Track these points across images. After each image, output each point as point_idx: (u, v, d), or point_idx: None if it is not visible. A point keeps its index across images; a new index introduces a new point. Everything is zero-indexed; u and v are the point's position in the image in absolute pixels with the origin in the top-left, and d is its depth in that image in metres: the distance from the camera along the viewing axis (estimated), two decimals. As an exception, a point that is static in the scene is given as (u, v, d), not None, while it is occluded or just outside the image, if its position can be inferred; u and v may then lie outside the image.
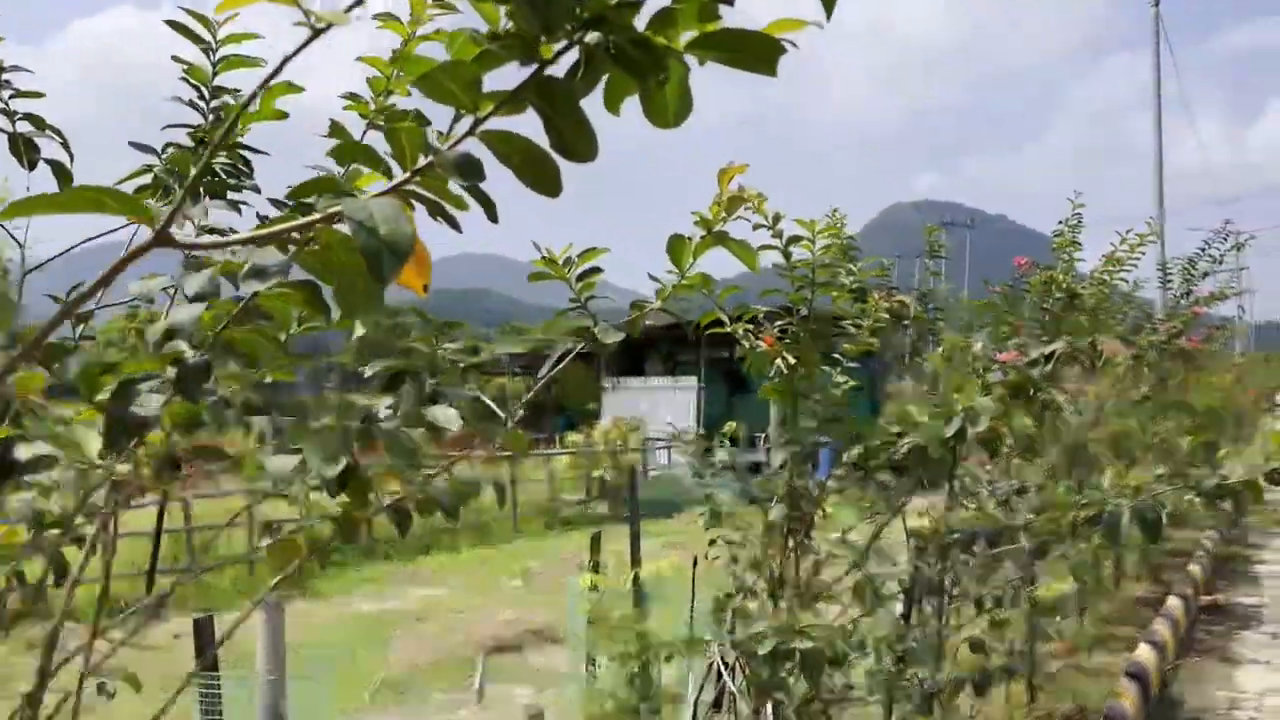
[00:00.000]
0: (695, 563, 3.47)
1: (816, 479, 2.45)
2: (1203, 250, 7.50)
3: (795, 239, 2.44)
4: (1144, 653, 7.07)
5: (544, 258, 1.38)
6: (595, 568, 4.75)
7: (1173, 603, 8.85)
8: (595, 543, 5.01)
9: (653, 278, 1.44)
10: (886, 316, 3.65)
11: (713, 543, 3.06)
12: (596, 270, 1.40)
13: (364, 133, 1.50)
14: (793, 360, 2.01)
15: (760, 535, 2.95)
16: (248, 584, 10.62)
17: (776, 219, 2.45)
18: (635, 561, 5.06)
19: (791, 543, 2.43)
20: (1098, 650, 7.54)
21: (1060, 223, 4.50)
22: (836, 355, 2.91)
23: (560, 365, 1.60)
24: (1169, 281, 7.50)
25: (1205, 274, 7.61)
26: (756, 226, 2.50)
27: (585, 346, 1.70)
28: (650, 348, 21.00)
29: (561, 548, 12.48)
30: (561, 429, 21.31)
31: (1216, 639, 8.63)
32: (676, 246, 1.37)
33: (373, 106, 1.51)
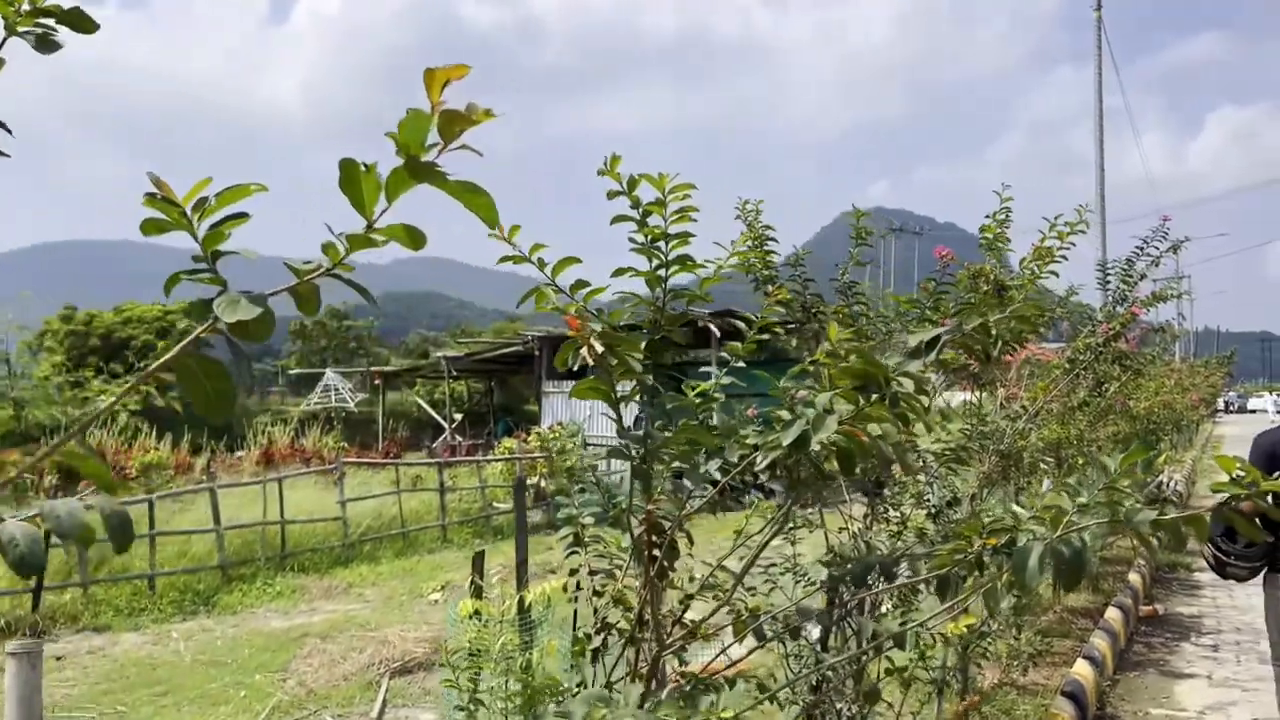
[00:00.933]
0: (567, 588, 3.02)
1: (682, 495, 2.02)
2: (1140, 250, 7.21)
3: (657, 204, 2.00)
4: (1082, 669, 6.77)
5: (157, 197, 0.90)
6: (478, 592, 4.27)
7: (1112, 614, 8.60)
8: (477, 562, 4.52)
9: (329, 229, 0.96)
10: (781, 310, 3.24)
11: (573, 572, 2.62)
12: (237, 218, 0.93)
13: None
14: (600, 349, 1.57)
15: (624, 564, 2.52)
16: (148, 601, 9.98)
17: (633, 184, 2.02)
18: (521, 584, 4.59)
19: (652, 572, 2.00)
20: (1036, 666, 7.23)
21: (988, 216, 4.12)
22: (724, 355, 2.51)
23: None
24: (1107, 283, 7.18)
25: (1143, 275, 7.31)
26: (612, 194, 2.07)
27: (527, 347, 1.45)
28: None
29: (490, 559, 11.97)
30: (500, 435, 20.74)
31: (1156, 652, 8.39)
32: (354, 179, 0.90)
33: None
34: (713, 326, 3.18)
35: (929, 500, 5.04)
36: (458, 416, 21.57)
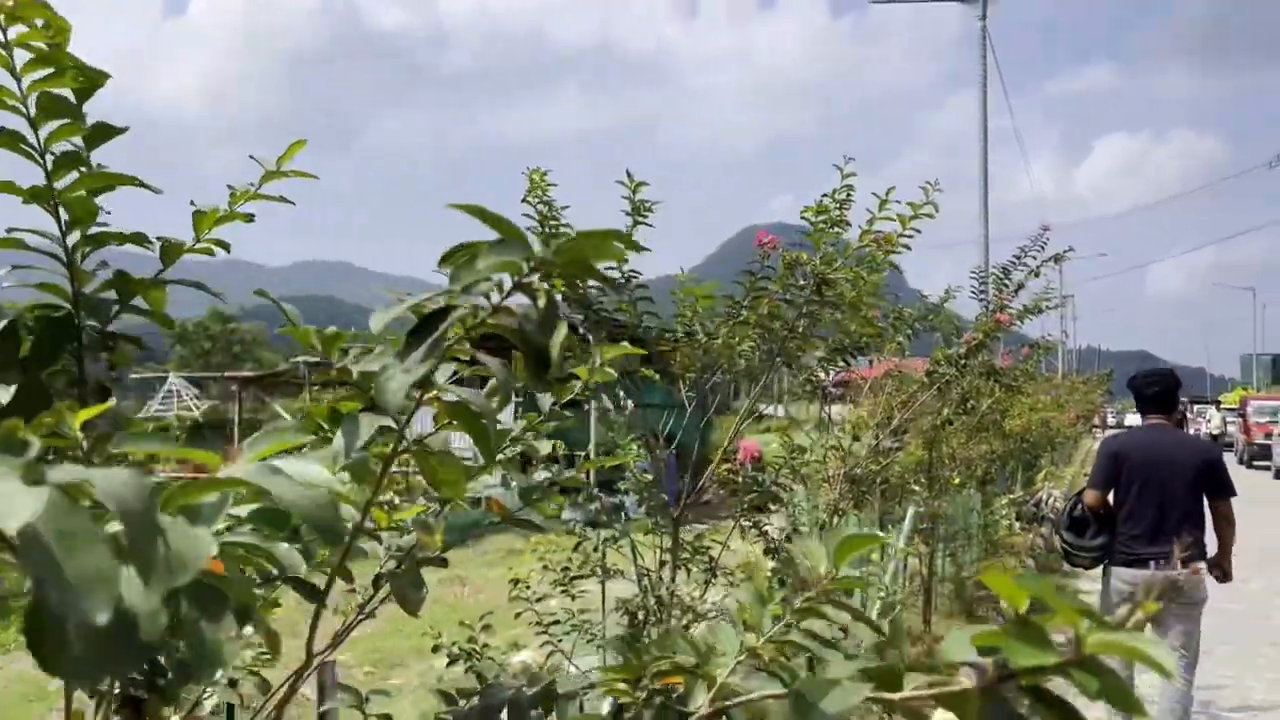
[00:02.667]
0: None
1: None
2: (1017, 259, 6.65)
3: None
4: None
5: None
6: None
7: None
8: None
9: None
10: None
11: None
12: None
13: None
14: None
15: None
16: None
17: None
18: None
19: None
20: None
21: (825, 196, 3.35)
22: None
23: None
24: (984, 292, 6.60)
25: (1020, 285, 6.75)
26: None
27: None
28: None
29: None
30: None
31: (1026, 686, 7.88)
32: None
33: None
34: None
35: (768, 529, 4.33)
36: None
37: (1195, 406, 52.39)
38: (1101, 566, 5.29)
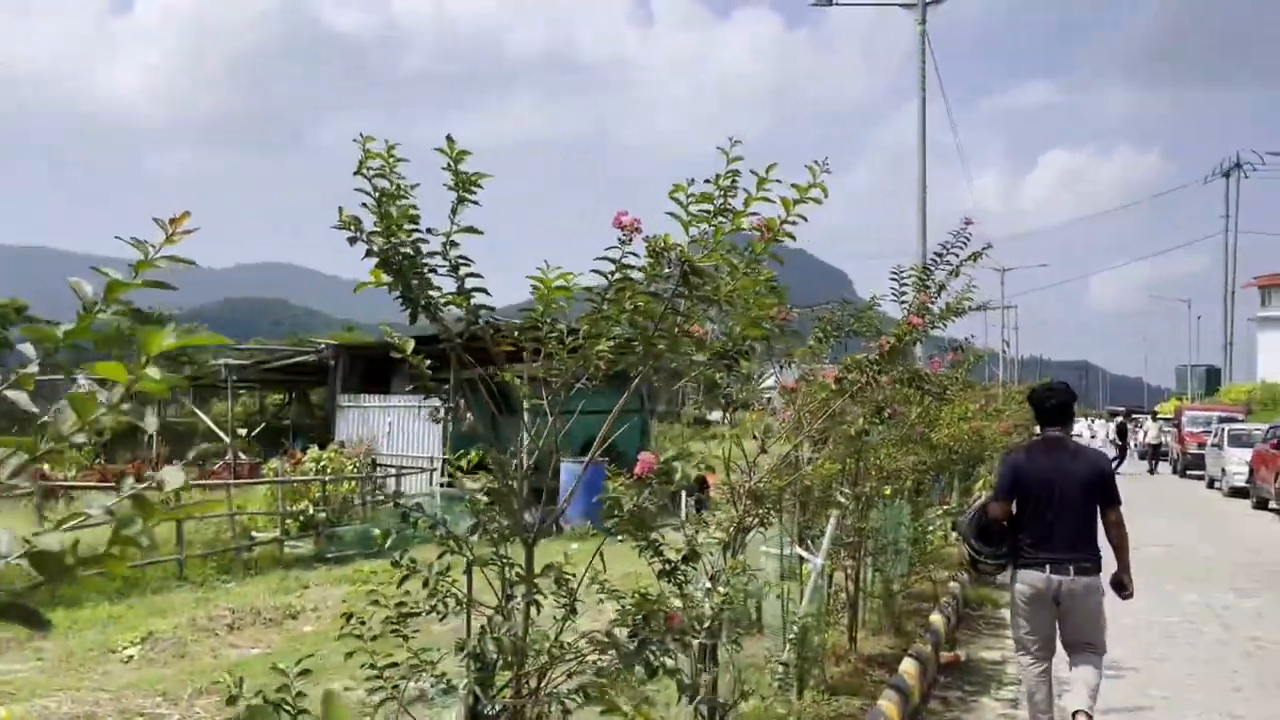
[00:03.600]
0: None
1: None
2: (939, 256, 6.29)
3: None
4: (859, 747, 5.75)
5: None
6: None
7: (907, 666, 7.70)
8: None
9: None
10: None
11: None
12: None
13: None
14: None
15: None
16: None
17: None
18: None
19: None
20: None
21: (708, 180, 2.90)
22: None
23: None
24: (903, 293, 6.22)
25: (942, 286, 6.37)
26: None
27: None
28: (402, 361, 18.70)
29: (222, 600, 10.21)
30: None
31: (953, 708, 7.52)
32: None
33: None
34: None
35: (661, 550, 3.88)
36: (242, 431, 19.39)
37: (1134, 416, 53.11)
38: (1009, 572, 5.64)
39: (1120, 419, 39.51)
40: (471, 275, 2.67)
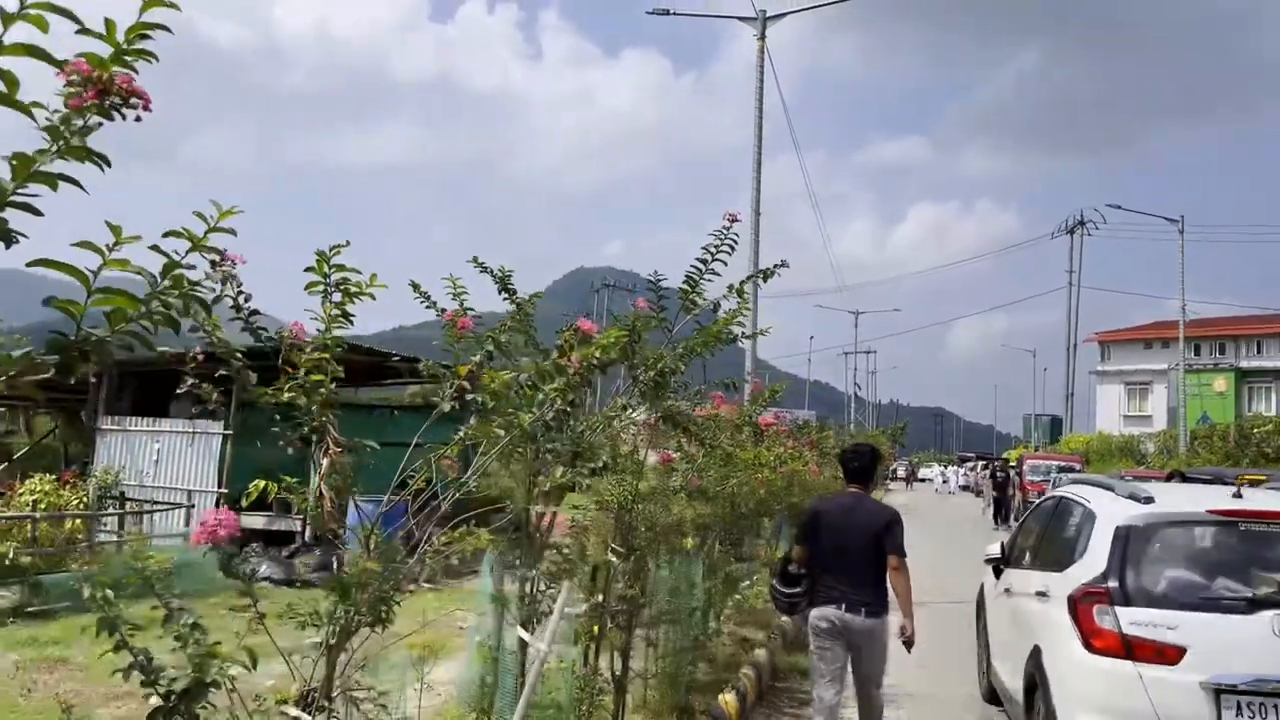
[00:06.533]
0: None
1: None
2: (704, 264, 5.11)
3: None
4: None
5: None
6: None
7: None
8: None
9: None
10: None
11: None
12: None
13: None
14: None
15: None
16: None
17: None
18: None
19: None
20: None
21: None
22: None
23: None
24: (662, 309, 4.95)
25: (701, 304, 5.19)
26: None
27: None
28: (180, 382, 16.55)
29: None
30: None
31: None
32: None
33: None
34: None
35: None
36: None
37: (980, 463, 54.21)
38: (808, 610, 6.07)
39: (994, 466, 39.38)
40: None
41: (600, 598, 6.36)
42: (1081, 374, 60.97)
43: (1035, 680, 5.84)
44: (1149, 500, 5.69)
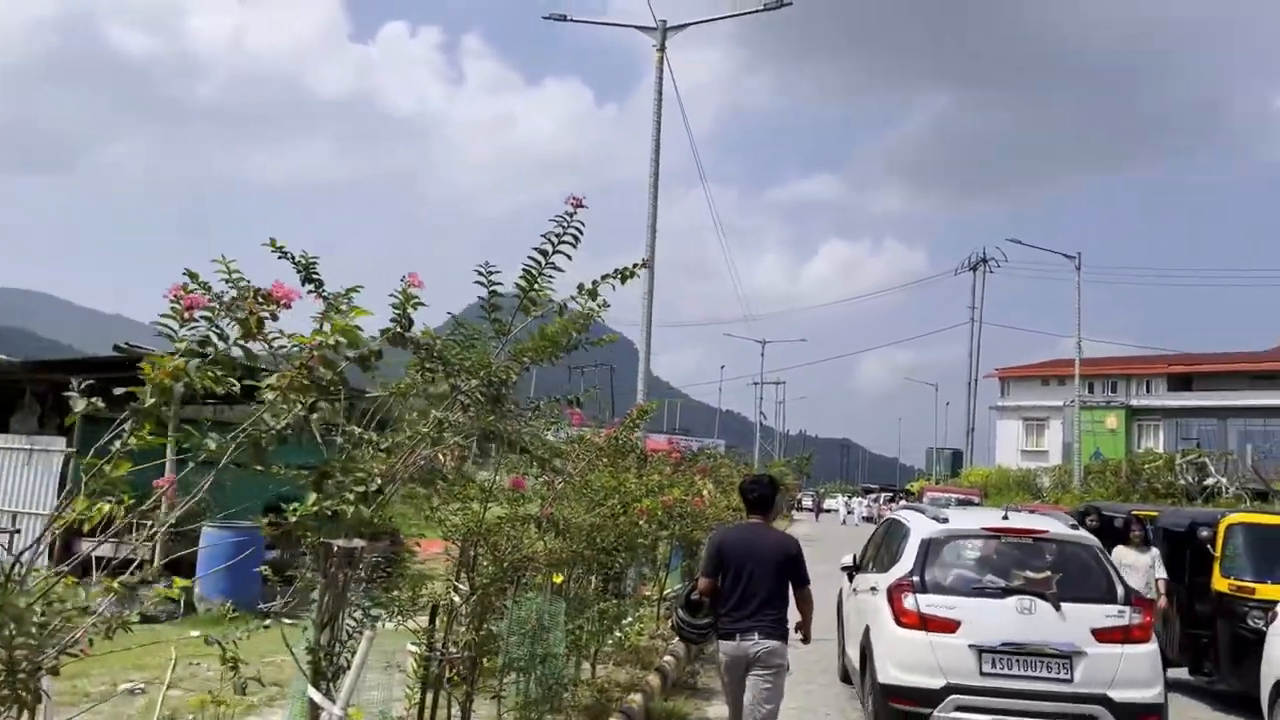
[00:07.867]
0: None
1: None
2: (545, 255, 4.38)
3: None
4: None
5: None
6: None
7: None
8: None
9: None
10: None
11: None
12: None
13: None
14: None
15: None
16: None
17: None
18: None
19: None
20: None
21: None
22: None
23: None
24: (495, 309, 4.21)
25: (562, 307, 4.48)
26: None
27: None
28: (22, 395, 15.14)
29: None
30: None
31: None
32: None
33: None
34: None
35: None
36: None
37: (884, 495, 54.60)
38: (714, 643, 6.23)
39: (897, 499, 39.56)
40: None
41: (441, 643, 5.55)
42: (982, 409, 62.14)
43: (865, 651, 7.86)
44: (945, 520, 7.94)
